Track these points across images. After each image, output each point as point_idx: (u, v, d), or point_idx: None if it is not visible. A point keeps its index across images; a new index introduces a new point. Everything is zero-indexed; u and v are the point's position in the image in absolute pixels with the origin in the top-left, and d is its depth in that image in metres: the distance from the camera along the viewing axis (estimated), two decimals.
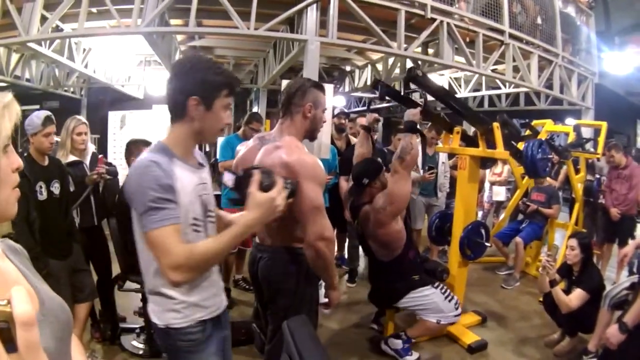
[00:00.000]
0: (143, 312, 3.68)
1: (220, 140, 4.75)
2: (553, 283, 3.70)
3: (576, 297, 3.68)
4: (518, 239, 5.71)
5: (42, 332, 0.83)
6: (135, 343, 3.76)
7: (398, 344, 3.70)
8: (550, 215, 5.81)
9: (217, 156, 4.78)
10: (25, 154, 3.10)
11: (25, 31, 5.02)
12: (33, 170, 3.03)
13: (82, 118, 3.96)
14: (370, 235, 3.54)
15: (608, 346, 2.59)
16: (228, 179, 1.72)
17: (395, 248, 3.51)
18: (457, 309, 3.71)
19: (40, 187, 3.04)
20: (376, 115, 4.00)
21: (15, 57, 8.09)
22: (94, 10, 5.42)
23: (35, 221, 2.86)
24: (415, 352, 3.76)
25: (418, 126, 3.42)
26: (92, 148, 4.13)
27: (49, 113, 3.21)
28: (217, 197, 5.12)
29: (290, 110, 2.31)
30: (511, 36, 6.26)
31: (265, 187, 1.61)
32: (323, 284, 2.51)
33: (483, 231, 4.25)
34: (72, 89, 10.36)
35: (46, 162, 3.18)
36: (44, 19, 5.09)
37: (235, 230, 1.57)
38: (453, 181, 5.39)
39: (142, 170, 1.54)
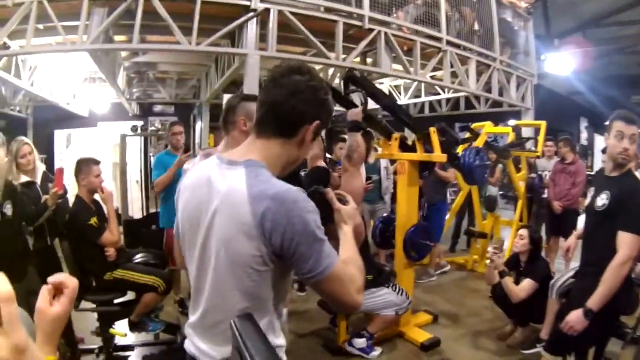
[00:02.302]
0: (101, 332, 3.69)
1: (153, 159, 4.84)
2: (503, 274, 3.88)
3: (525, 287, 3.85)
4: None
5: None
6: None
7: (362, 342, 3.89)
8: (446, 179, 5.91)
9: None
10: None
11: None
12: None
13: (25, 139, 3.95)
14: (329, 234, 3.66)
15: (570, 333, 2.68)
16: None
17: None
18: (408, 297, 3.96)
19: None
20: None
21: None
22: (40, 27, 5.36)
23: None
24: (377, 347, 3.96)
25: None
26: (42, 167, 4.15)
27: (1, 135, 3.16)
28: (156, 215, 5.17)
29: (228, 128, 2.38)
30: (449, 43, 6.47)
31: (343, 202, 1.64)
32: None
33: (426, 232, 4.40)
34: (18, 108, 10.09)
35: None
36: None
37: (351, 242, 1.55)
38: (396, 185, 5.52)
39: (296, 198, 1.28)
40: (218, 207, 1.33)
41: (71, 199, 3.86)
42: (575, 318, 2.62)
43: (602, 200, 2.68)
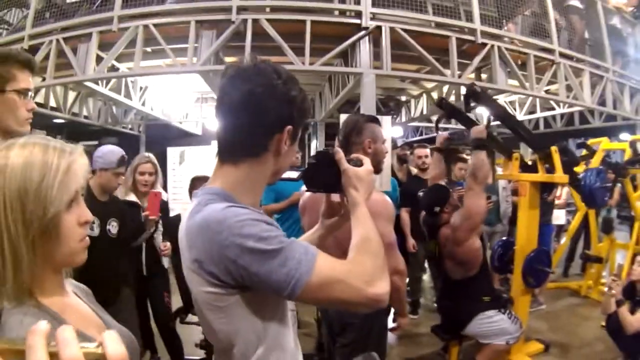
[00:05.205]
0: (205, 344, 3.76)
1: None
2: (620, 303, 3.65)
3: None
4: None
5: None
6: None
7: None
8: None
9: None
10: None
11: (82, 71, 5.24)
12: (89, 204, 2.97)
13: (151, 156, 3.75)
14: (448, 254, 3.64)
15: None
16: (290, 174, 1.39)
17: (471, 268, 3.59)
18: (521, 327, 3.77)
19: (93, 222, 2.83)
20: (446, 134, 4.08)
21: (72, 94, 8.43)
22: (148, 49, 5.63)
23: None
24: None
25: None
26: (163, 196, 3.84)
27: (124, 153, 3.13)
28: None
29: (350, 150, 2.32)
30: (561, 55, 6.20)
31: (355, 164, 1.29)
32: (392, 310, 2.63)
33: (546, 258, 4.21)
34: (130, 126, 10.71)
35: (105, 199, 3.09)
36: (99, 58, 5.32)
37: (362, 216, 1.22)
38: (514, 207, 5.31)
39: (222, 218, 1.06)
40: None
41: (184, 215, 3.94)
42: None
43: None
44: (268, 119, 1.13)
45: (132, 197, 3.56)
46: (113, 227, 3.07)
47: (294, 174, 1.36)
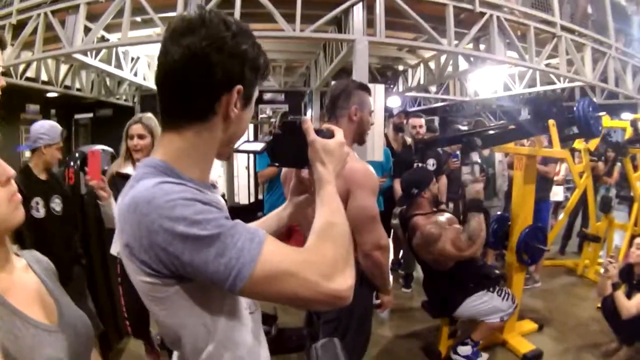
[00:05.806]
0: None
1: None
2: (616, 286, 3.55)
3: (637, 302, 3.50)
4: None
5: (56, 343, 0.91)
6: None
7: (467, 350, 3.66)
8: (546, 174, 5.43)
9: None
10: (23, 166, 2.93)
11: (70, 43, 5.16)
12: (29, 184, 2.75)
13: (144, 116, 3.01)
14: (415, 249, 3.59)
15: None
16: (255, 145, 1.24)
17: (444, 265, 3.51)
18: (514, 302, 3.69)
19: (37, 203, 2.78)
20: None
21: (64, 68, 8.34)
22: (138, 19, 5.48)
23: (26, 240, 2.55)
24: (484, 353, 3.77)
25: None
26: None
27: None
28: (261, 202, 5.17)
29: (336, 114, 2.24)
30: (563, 28, 6.05)
31: (325, 135, 1.13)
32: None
33: (541, 235, 4.10)
34: (124, 97, 10.56)
35: (45, 177, 2.94)
36: (88, 30, 5.22)
37: (328, 197, 1.06)
38: (510, 181, 5.20)
39: (151, 197, 0.90)
40: None
41: None
42: None
43: None
44: (214, 77, 0.96)
45: (129, 169, 2.91)
46: (56, 204, 2.94)
47: (259, 146, 1.21)
